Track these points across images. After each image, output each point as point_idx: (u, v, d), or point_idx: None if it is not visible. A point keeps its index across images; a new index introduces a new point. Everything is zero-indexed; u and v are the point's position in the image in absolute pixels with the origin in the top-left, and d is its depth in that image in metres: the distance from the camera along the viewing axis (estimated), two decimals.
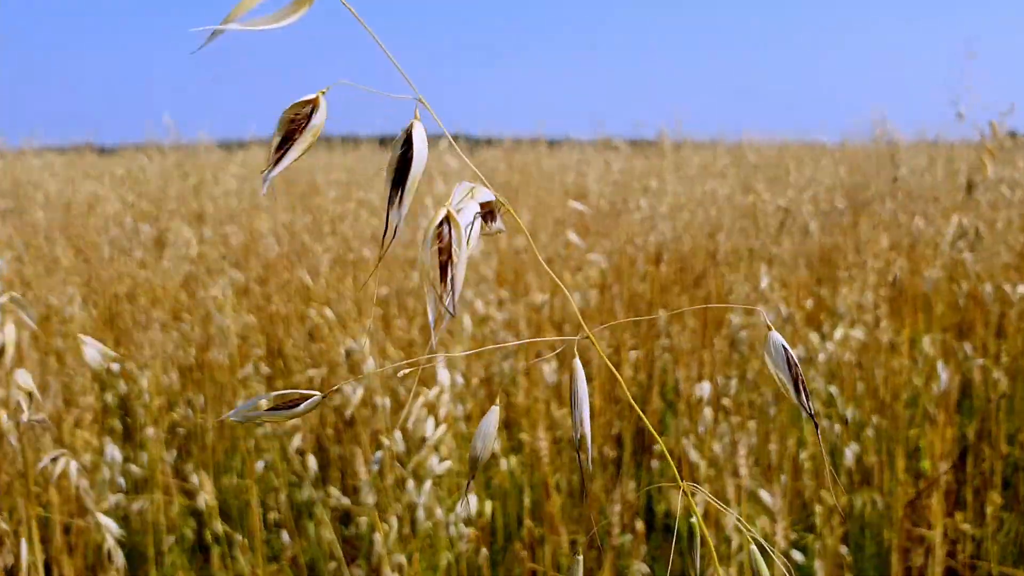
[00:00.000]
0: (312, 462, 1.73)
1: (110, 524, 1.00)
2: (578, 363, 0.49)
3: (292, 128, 0.40)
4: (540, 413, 2.24)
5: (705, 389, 1.52)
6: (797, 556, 1.94)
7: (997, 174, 1.91)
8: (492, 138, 6.03)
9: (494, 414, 0.49)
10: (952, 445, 2.44)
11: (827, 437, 2.09)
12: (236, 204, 3.13)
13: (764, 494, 1.63)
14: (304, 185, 3.27)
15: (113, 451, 1.65)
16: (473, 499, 1.40)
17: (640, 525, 2.09)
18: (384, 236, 0.39)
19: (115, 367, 2.02)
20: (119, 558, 1.18)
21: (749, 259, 2.64)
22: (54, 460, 0.99)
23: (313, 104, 0.40)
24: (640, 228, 2.88)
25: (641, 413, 0.47)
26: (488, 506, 1.72)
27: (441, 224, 0.39)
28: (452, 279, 0.39)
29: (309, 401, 0.49)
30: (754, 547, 0.68)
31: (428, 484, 1.31)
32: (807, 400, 0.53)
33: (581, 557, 0.56)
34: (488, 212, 0.42)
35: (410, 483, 1.35)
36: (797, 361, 0.51)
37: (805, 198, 3.02)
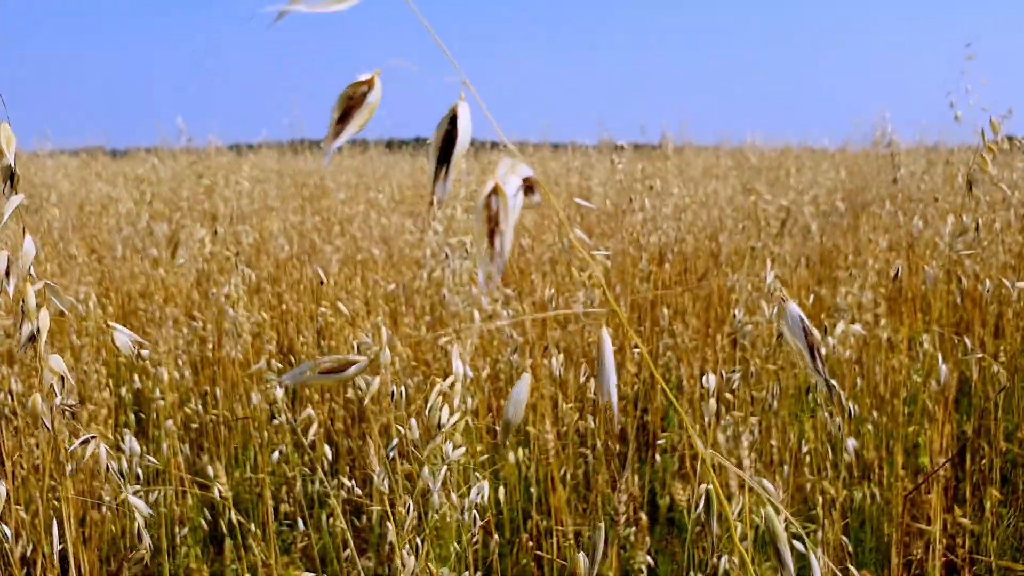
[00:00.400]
0: (328, 451, 1.78)
1: (140, 504, 1.05)
2: (605, 333, 0.54)
3: (350, 105, 0.44)
4: (547, 407, 2.29)
5: (711, 381, 1.57)
6: (798, 546, 1.98)
7: (996, 175, 1.96)
8: (496, 142, 6.09)
9: (525, 381, 0.54)
10: (951, 442, 2.48)
11: (827, 430, 2.14)
12: (248, 204, 3.18)
13: (767, 483, 1.67)
14: (313, 187, 3.33)
15: (132, 442, 1.69)
16: (486, 486, 1.45)
17: (644, 518, 2.14)
18: (429, 204, 0.44)
19: (145, 353, 2.07)
20: (147, 538, 1.23)
21: (751, 259, 2.68)
22: (84, 443, 1.03)
23: (369, 84, 0.44)
24: (644, 228, 2.94)
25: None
26: (501, 492, 1.77)
27: (489, 195, 0.44)
28: (501, 245, 0.43)
29: (356, 365, 0.54)
30: (769, 510, 0.73)
31: (444, 470, 1.36)
32: (823, 366, 0.56)
33: (603, 525, 0.60)
34: (528, 186, 0.46)
35: (425, 470, 1.40)
36: (812, 329, 0.55)
37: (806, 200, 3.08)
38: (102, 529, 2.39)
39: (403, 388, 1.50)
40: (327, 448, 1.80)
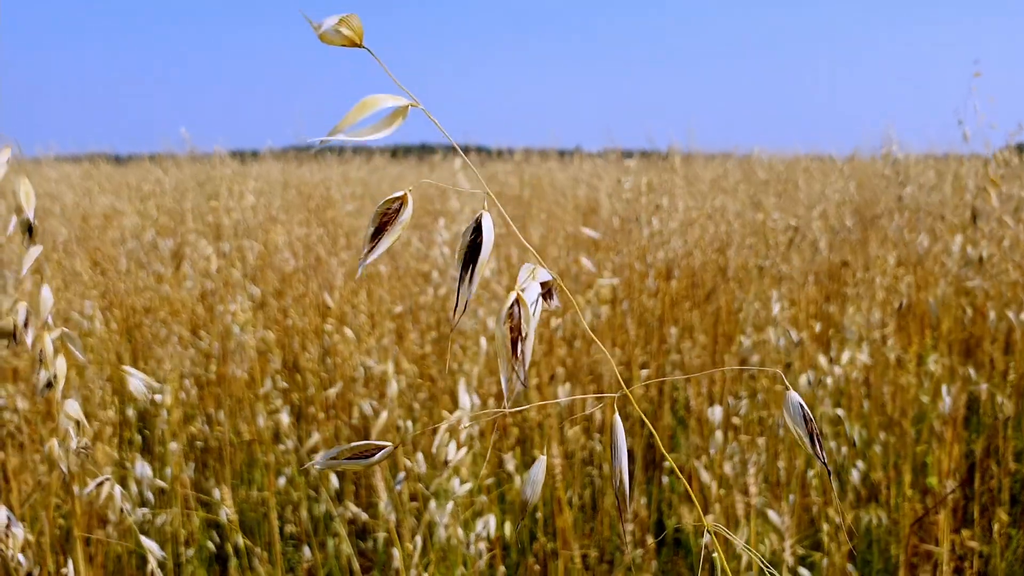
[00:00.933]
0: (334, 479, 1.78)
1: (154, 547, 1.04)
2: (618, 420, 0.53)
3: (384, 220, 0.45)
4: (552, 429, 2.28)
5: (717, 413, 1.56)
6: (804, 573, 1.97)
7: (1005, 191, 1.94)
8: (503, 149, 6.08)
9: (542, 463, 0.54)
10: (959, 462, 2.47)
11: (833, 458, 2.13)
12: (252, 217, 3.18)
13: (772, 514, 1.66)
14: (319, 199, 3.33)
15: (143, 468, 1.69)
16: (492, 520, 1.44)
17: (651, 540, 2.13)
18: (455, 309, 0.44)
19: (159, 398, 2.07)
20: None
21: (759, 276, 2.67)
22: (100, 485, 1.04)
23: (402, 201, 0.45)
24: (650, 243, 2.92)
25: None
26: (507, 528, 1.76)
27: (512, 305, 0.43)
28: (522, 352, 0.43)
29: (383, 451, 0.54)
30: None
31: (450, 505, 1.35)
32: (821, 451, 0.58)
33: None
34: (547, 291, 0.46)
35: (432, 503, 1.39)
36: (812, 416, 0.56)
37: (814, 215, 3.06)
38: (107, 548, 2.39)
39: (410, 411, 1.49)
40: (335, 475, 1.79)
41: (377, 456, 0.54)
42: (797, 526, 2.23)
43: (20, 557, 1.47)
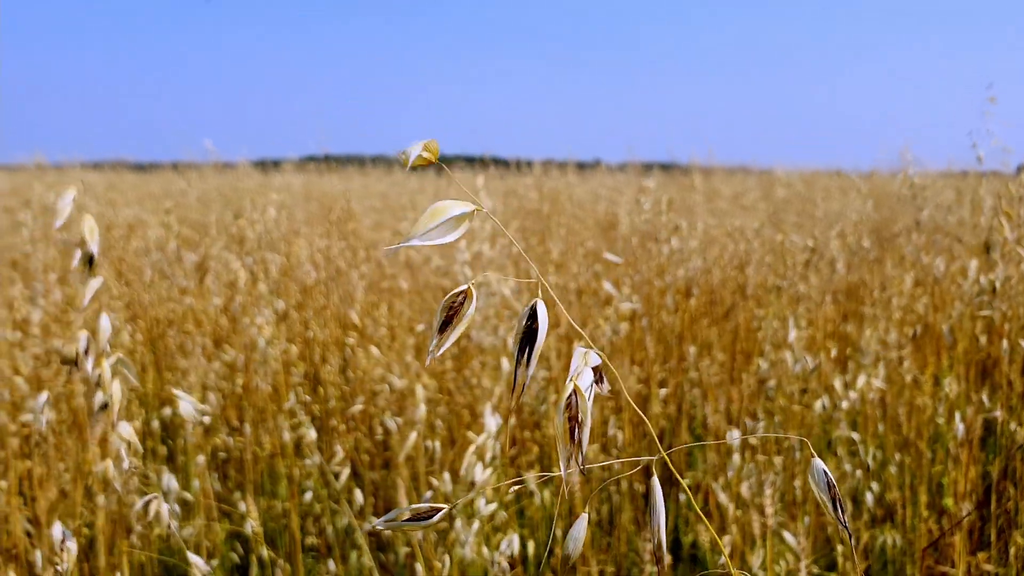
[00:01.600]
0: (359, 496, 1.81)
1: (199, 562, 1.08)
2: (656, 481, 0.56)
3: (451, 314, 0.48)
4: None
5: (735, 436, 1.59)
6: None
7: (1019, 215, 1.96)
8: (521, 161, 6.11)
9: (583, 521, 0.57)
10: (976, 483, 2.47)
11: (848, 482, 2.15)
12: (275, 230, 3.23)
13: (788, 536, 1.69)
14: (340, 211, 3.37)
15: (170, 480, 1.73)
16: (516, 539, 1.47)
17: (668, 557, 2.15)
18: (513, 391, 0.47)
19: (206, 420, 2.11)
20: None
21: (777, 295, 2.69)
22: (147, 504, 1.08)
23: (466, 295, 0.48)
24: (670, 261, 2.95)
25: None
26: (531, 547, 1.79)
27: (570, 396, 0.47)
28: (580, 438, 0.47)
29: (440, 513, 0.58)
30: None
31: (476, 524, 1.38)
32: (844, 515, 0.61)
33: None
34: (598, 376, 0.49)
35: (458, 523, 1.43)
36: (835, 483, 0.60)
37: (832, 234, 3.08)
38: (131, 557, 2.43)
39: (436, 442, 1.52)
40: (359, 492, 1.82)
41: (436, 517, 0.57)
42: (813, 545, 2.25)
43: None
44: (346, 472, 1.77)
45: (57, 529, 1.08)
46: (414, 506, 0.54)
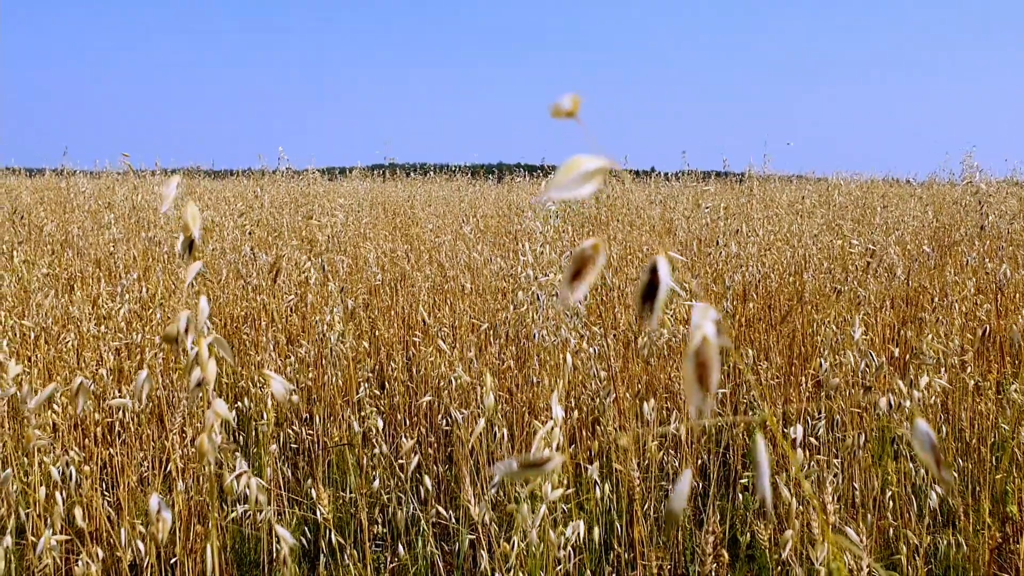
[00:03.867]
0: (428, 483, 1.88)
1: (286, 535, 1.16)
2: (762, 442, 0.62)
3: (582, 265, 0.54)
4: (631, 443, 2.35)
5: (798, 432, 1.62)
6: None
7: None
8: None
9: (687, 476, 0.63)
10: None
11: (911, 479, 2.16)
12: (343, 232, 3.34)
13: (851, 531, 1.71)
14: (404, 216, 3.47)
15: (243, 465, 1.82)
16: (581, 525, 1.53)
17: (725, 555, 2.18)
18: (644, 331, 0.53)
19: (295, 399, 2.21)
20: (290, 563, 1.34)
21: (836, 300, 2.70)
22: (238, 476, 1.15)
23: (595, 248, 0.54)
24: (727, 266, 2.98)
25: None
26: (596, 532, 1.85)
27: (700, 344, 0.52)
28: (709, 384, 0.52)
29: (554, 461, 0.64)
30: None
31: (543, 508, 1.44)
32: (946, 474, 0.66)
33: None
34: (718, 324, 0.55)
35: (524, 507, 1.49)
36: (936, 443, 0.64)
37: (891, 240, 3.08)
38: (205, 543, 2.54)
39: (504, 430, 1.59)
40: (429, 480, 1.89)
41: (548, 465, 0.63)
42: (874, 546, 2.26)
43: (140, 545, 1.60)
44: (416, 460, 1.84)
45: (154, 500, 1.16)
46: (525, 455, 0.60)
